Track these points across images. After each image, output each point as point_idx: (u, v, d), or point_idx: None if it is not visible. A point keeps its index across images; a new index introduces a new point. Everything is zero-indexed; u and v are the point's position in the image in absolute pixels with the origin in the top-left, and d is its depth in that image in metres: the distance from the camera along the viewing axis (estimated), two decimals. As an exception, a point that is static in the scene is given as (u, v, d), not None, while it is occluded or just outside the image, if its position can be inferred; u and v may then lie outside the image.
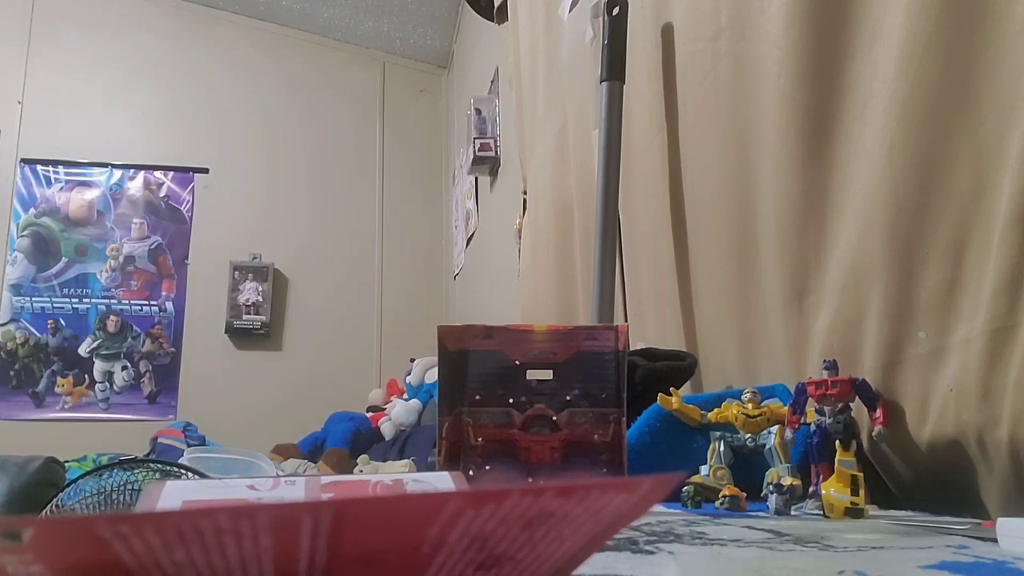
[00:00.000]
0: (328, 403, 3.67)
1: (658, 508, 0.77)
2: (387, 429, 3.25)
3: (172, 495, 0.24)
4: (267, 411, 3.90)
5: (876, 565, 0.41)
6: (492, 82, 3.15)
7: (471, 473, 0.74)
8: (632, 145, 1.51)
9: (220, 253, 4.12)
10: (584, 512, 0.20)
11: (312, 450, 3.32)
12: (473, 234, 3.49)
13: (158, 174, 4.19)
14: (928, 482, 0.79)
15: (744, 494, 0.77)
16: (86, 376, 3.98)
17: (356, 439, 3.19)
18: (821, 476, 0.74)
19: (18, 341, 3.94)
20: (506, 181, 2.87)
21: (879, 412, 0.76)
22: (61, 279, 4.02)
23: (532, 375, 0.74)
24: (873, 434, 0.77)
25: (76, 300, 4.02)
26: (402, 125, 4.51)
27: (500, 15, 2.76)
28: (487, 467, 0.74)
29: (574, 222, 1.86)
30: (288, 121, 4.33)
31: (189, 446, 3.06)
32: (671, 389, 0.91)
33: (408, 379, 3.45)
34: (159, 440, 3.27)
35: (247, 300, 4.10)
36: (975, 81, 0.71)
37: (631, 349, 1.13)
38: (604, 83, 1.44)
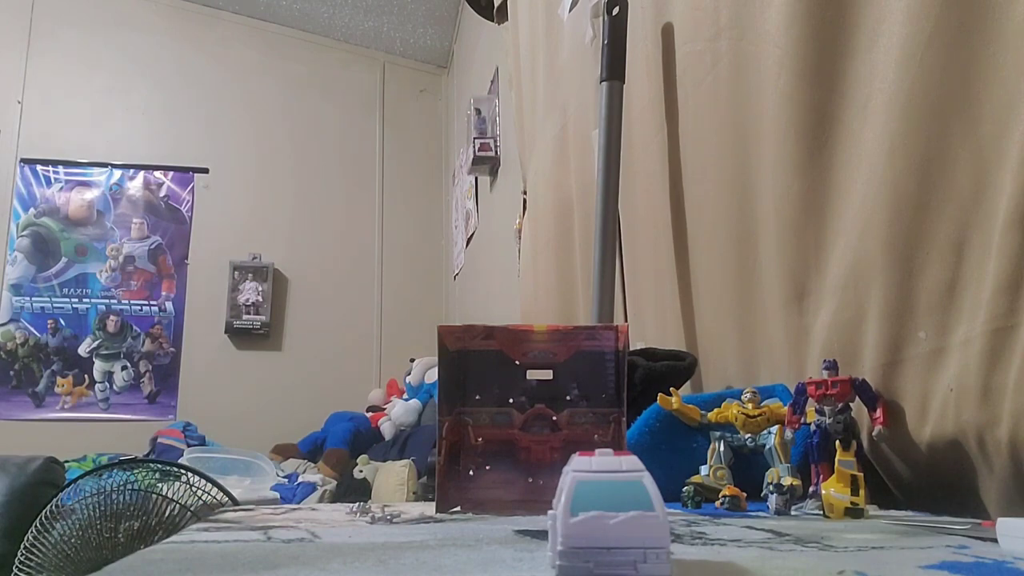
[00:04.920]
0: (328, 403, 3.68)
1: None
2: (387, 429, 3.25)
3: None
4: (267, 411, 3.90)
5: (876, 565, 0.41)
6: (492, 82, 3.15)
7: (471, 473, 0.74)
8: (632, 145, 1.51)
9: (220, 253, 4.12)
10: None
11: (312, 450, 3.32)
12: (473, 234, 3.49)
13: (158, 174, 4.19)
14: (928, 482, 0.79)
15: (744, 494, 0.77)
16: (86, 376, 3.98)
17: (356, 439, 3.20)
18: (821, 476, 0.74)
19: (18, 341, 3.94)
20: (506, 181, 2.87)
21: (879, 412, 0.76)
22: (61, 279, 4.02)
23: (532, 375, 0.74)
24: (873, 434, 0.77)
25: (76, 300, 4.02)
26: (402, 125, 4.51)
27: (500, 15, 2.76)
28: (487, 467, 0.74)
29: (574, 222, 1.86)
30: (288, 121, 4.34)
31: (189, 446, 3.07)
32: (671, 389, 0.90)
33: (408, 379, 3.46)
34: (159, 440, 3.28)
35: (247, 300, 4.10)
36: (975, 81, 0.71)
37: (631, 349, 1.13)
38: (604, 83, 1.44)
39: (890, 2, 0.81)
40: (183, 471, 1.61)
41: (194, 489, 1.56)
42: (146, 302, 4.08)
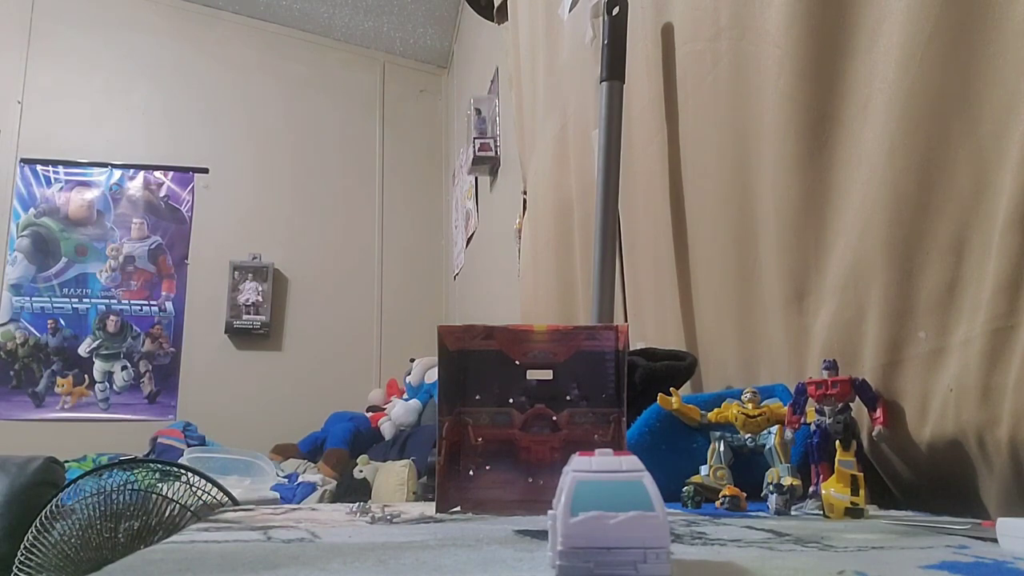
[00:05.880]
0: (328, 403, 3.68)
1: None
2: (387, 429, 3.25)
3: None
4: (267, 411, 3.90)
5: (876, 565, 0.41)
6: (492, 82, 3.15)
7: (471, 473, 0.74)
8: (632, 145, 1.51)
9: (220, 253, 4.12)
10: None
11: (312, 450, 3.32)
12: (473, 234, 3.49)
13: (158, 174, 4.19)
14: (928, 482, 0.79)
15: (744, 494, 0.77)
16: (86, 376, 3.98)
17: (356, 439, 3.20)
18: (821, 476, 0.74)
19: (18, 341, 3.94)
20: (506, 181, 2.87)
21: (879, 412, 0.76)
22: (61, 279, 4.02)
23: (532, 375, 0.74)
24: (873, 434, 0.77)
25: (76, 300, 4.02)
26: (402, 125, 4.51)
27: (500, 15, 2.76)
28: (487, 467, 0.74)
29: (574, 222, 1.86)
30: (288, 121, 4.34)
31: (189, 446, 3.07)
32: (671, 389, 0.90)
33: (408, 379, 3.46)
34: (159, 440, 3.28)
35: (247, 300, 4.10)
36: (975, 81, 0.71)
37: (631, 349, 1.13)
38: (604, 83, 1.44)
39: (890, 2, 0.81)
40: (183, 471, 1.61)
41: (194, 489, 1.56)
42: (146, 302, 4.08)
